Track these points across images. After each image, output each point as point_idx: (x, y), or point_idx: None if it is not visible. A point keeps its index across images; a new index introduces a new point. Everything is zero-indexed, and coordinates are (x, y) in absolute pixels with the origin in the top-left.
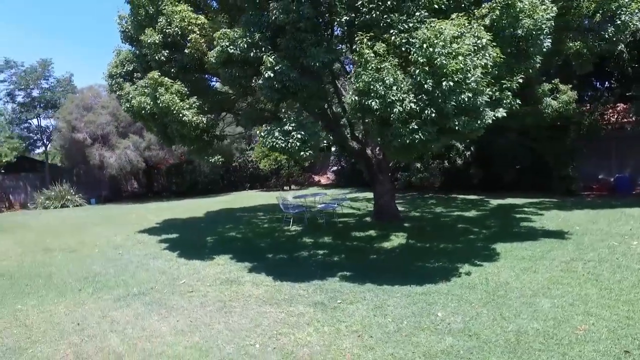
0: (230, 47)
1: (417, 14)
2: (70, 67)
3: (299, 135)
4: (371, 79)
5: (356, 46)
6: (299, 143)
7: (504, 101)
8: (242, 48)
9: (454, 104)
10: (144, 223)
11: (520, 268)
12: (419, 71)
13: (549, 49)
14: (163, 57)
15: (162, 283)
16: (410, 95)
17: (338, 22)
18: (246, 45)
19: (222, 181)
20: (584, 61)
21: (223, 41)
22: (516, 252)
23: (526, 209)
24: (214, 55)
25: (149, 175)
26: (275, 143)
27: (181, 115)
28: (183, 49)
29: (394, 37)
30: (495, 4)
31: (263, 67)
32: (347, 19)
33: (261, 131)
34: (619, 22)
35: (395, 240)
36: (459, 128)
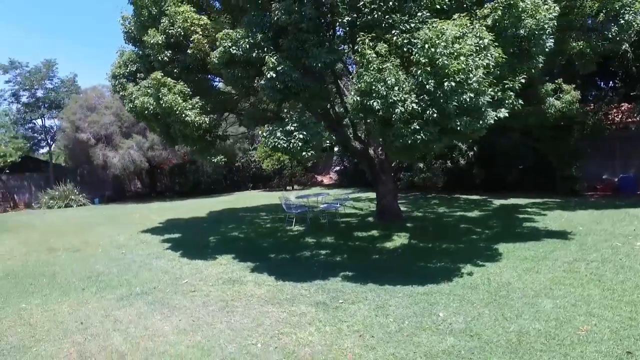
0: (233, 48)
1: (419, 14)
2: (74, 68)
3: (301, 136)
4: (373, 80)
5: (358, 47)
6: (301, 143)
7: (506, 101)
8: (245, 49)
9: (455, 104)
10: (147, 223)
11: (523, 268)
12: (421, 71)
13: (551, 48)
14: (166, 58)
15: (165, 282)
16: (412, 95)
17: (340, 23)
18: (248, 45)
19: (225, 181)
20: (587, 61)
21: (225, 42)
22: (518, 253)
23: (529, 209)
24: (217, 55)
25: (152, 175)
26: (277, 143)
27: (184, 115)
28: (186, 50)
29: (396, 38)
30: (497, 4)
31: (265, 68)
32: (349, 19)
33: (263, 131)
34: (622, 22)
35: (398, 240)
36: (460, 128)
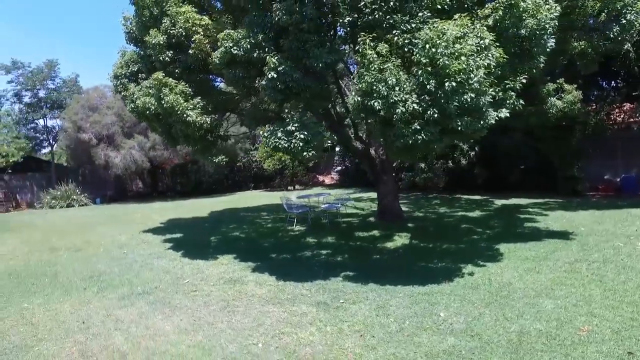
0: (234, 48)
1: (420, 14)
2: (75, 68)
3: (302, 136)
4: (374, 80)
5: (359, 47)
6: (302, 143)
7: (507, 101)
8: (246, 49)
9: (456, 104)
10: (148, 223)
11: (524, 268)
12: (422, 72)
13: (553, 48)
14: (167, 58)
15: (166, 282)
16: (413, 95)
17: (341, 23)
18: (249, 46)
19: (227, 181)
20: (588, 61)
21: (227, 42)
22: (520, 253)
23: (530, 210)
24: (218, 56)
25: (154, 175)
26: (278, 143)
27: (185, 115)
28: (187, 50)
29: (397, 38)
30: (498, 4)
31: (266, 68)
32: (350, 19)
33: (264, 131)
34: (624, 22)
35: (399, 240)
36: (461, 128)
